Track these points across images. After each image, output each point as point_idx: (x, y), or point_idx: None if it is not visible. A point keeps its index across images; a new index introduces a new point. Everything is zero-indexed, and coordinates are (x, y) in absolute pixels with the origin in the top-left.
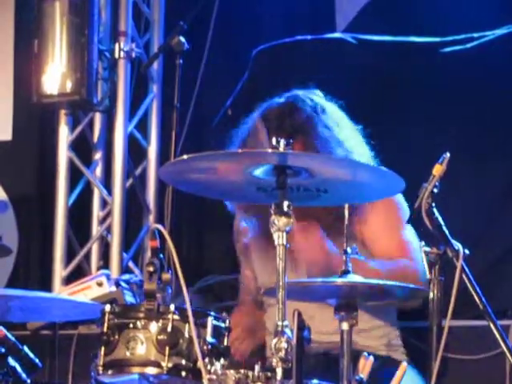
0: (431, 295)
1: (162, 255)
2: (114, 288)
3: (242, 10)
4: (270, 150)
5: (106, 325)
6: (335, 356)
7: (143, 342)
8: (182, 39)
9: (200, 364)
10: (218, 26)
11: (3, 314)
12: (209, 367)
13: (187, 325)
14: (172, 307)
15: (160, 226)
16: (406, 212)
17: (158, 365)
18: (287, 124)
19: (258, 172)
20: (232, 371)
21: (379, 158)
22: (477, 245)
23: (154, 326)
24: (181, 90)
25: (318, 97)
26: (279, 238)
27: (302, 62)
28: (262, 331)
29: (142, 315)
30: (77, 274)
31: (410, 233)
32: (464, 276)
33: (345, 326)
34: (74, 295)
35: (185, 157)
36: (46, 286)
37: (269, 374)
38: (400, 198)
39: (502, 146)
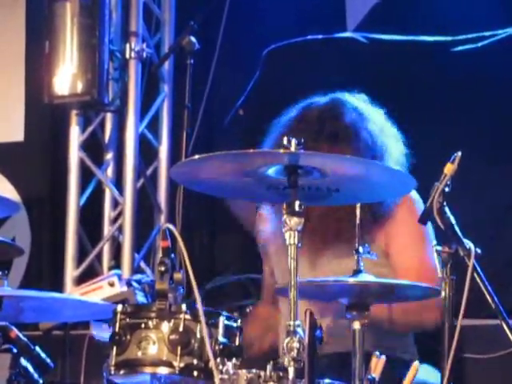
0: (443, 294)
1: (173, 255)
2: (125, 288)
3: (253, 9)
4: (281, 150)
5: (117, 325)
6: (348, 355)
7: (155, 342)
8: (193, 39)
9: (212, 364)
10: (229, 26)
11: (16, 314)
12: (220, 367)
13: (199, 325)
14: (184, 307)
15: (171, 226)
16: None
17: (169, 365)
18: (328, 128)
19: (270, 172)
20: (244, 371)
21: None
22: (489, 244)
23: (165, 326)
24: (192, 89)
25: (362, 101)
26: (291, 238)
27: (313, 62)
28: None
29: (153, 315)
30: (88, 274)
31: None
32: (476, 275)
33: (356, 325)
34: (85, 295)
35: (196, 157)
36: (58, 286)
37: (281, 373)
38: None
39: None
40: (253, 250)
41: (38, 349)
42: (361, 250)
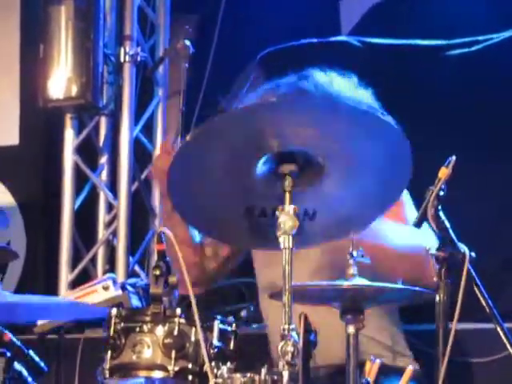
0: (437, 298)
1: (168, 259)
2: (119, 292)
3: (248, 13)
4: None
5: (112, 329)
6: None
7: (149, 346)
8: (188, 43)
9: (206, 368)
10: (224, 30)
11: (10, 317)
12: (215, 371)
13: (194, 328)
14: (178, 311)
15: (166, 230)
16: (411, 211)
17: (164, 368)
18: None
19: (261, 171)
20: (238, 375)
21: None
22: (484, 248)
23: (160, 330)
24: (186, 93)
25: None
26: (285, 242)
27: (307, 65)
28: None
29: (148, 319)
30: (83, 278)
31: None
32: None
33: (351, 329)
34: (80, 299)
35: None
36: (53, 290)
37: (275, 377)
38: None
39: (511, 149)
40: (247, 253)
41: (31, 353)
42: (355, 253)
